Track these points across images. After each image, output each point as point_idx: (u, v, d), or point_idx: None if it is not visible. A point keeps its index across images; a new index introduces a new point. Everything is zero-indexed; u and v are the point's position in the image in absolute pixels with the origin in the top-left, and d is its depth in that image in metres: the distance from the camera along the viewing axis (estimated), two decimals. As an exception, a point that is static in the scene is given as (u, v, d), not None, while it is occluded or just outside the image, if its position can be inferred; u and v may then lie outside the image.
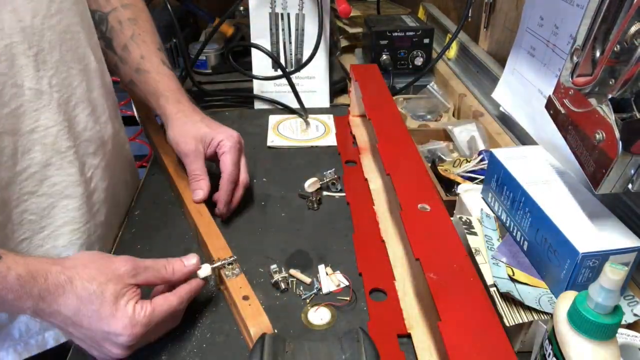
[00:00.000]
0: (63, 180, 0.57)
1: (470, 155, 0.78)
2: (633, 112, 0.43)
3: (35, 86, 0.53)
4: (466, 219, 0.59)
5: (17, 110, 0.52)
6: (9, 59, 0.50)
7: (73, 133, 0.58)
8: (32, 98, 0.53)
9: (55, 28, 0.54)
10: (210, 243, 0.59)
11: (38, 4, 0.52)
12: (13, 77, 0.51)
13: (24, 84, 0.52)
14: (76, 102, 0.58)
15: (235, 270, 0.55)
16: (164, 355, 0.50)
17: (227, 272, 0.55)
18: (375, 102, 0.79)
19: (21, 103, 0.52)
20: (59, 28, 0.55)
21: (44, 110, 0.54)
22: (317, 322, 0.54)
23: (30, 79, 0.52)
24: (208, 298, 0.57)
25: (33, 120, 0.53)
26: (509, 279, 0.51)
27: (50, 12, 0.54)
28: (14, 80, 0.51)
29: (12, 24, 0.50)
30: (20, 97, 0.52)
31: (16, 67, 0.51)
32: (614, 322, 0.35)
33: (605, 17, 0.44)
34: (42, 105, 0.54)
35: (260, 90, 1.00)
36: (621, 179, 0.44)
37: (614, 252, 0.46)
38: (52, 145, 0.55)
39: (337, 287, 0.58)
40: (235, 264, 0.56)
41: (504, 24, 0.91)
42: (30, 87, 0.52)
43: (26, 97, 0.52)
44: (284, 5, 0.95)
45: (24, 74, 0.51)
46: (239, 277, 0.55)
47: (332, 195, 0.75)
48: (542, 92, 0.70)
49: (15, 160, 0.53)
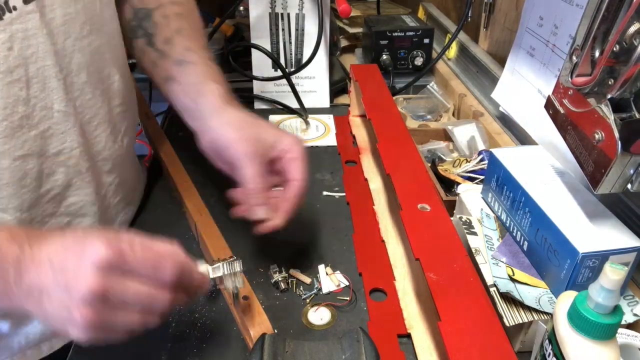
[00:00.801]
0: (80, 200, 0.57)
1: (470, 155, 0.78)
2: (632, 112, 0.43)
3: (64, 108, 0.52)
4: (466, 219, 0.59)
5: (45, 132, 0.51)
6: (40, 82, 0.49)
7: (92, 153, 0.58)
8: (60, 120, 0.52)
9: (85, 50, 0.54)
10: (210, 243, 0.59)
11: (72, 26, 0.52)
12: (44, 99, 0.50)
13: (54, 107, 0.51)
14: (98, 122, 0.58)
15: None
16: (164, 355, 0.51)
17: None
18: (375, 102, 0.79)
19: (49, 125, 0.52)
20: (89, 50, 0.54)
21: (70, 132, 0.53)
22: (317, 322, 0.54)
23: (59, 102, 0.52)
24: (208, 298, 0.57)
25: (60, 142, 0.53)
26: (509, 279, 0.51)
27: (82, 34, 0.53)
28: (44, 103, 0.50)
29: (47, 47, 0.49)
30: (49, 120, 0.51)
31: (47, 90, 0.50)
32: (614, 322, 0.35)
33: (605, 17, 0.44)
34: (69, 127, 0.53)
35: (260, 91, 1.00)
36: (620, 178, 0.44)
37: (614, 252, 0.46)
38: (75, 167, 0.55)
39: (337, 287, 0.58)
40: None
41: (503, 24, 0.91)
42: (59, 109, 0.52)
43: (54, 120, 0.52)
44: (284, 5, 0.96)
45: (54, 96, 0.51)
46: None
47: (332, 195, 0.75)
48: (542, 92, 0.70)
49: (39, 183, 0.52)
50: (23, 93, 0.48)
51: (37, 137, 0.51)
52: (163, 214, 0.71)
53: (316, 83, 1.00)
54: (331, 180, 0.78)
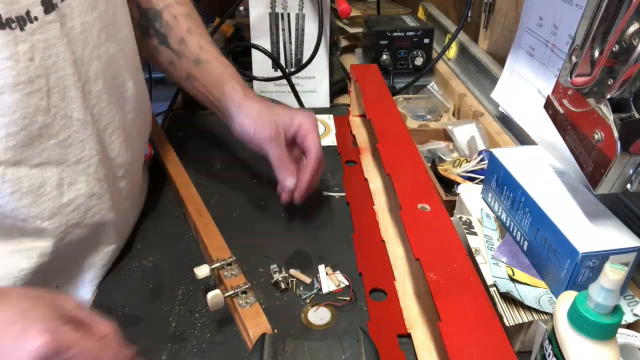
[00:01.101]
0: (102, 210, 0.57)
1: (470, 155, 0.78)
2: (632, 112, 0.43)
3: (83, 117, 0.52)
4: (466, 219, 0.59)
5: (64, 141, 0.51)
6: (61, 91, 0.49)
7: (108, 160, 0.58)
8: (79, 129, 0.52)
9: (101, 57, 0.54)
10: (209, 243, 0.59)
11: (89, 35, 0.52)
12: (64, 108, 0.50)
13: (73, 115, 0.51)
14: (113, 129, 0.58)
15: (234, 271, 0.55)
16: (164, 355, 0.51)
17: (226, 273, 0.55)
18: (375, 102, 0.79)
19: (69, 134, 0.52)
20: (105, 57, 0.55)
21: (88, 140, 0.53)
22: (317, 322, 0.54)
23: (78, 110, 0.52)
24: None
25: (79, 150, 0.53)
26: (509, 279, 0.51)
27: (99, 42, 0.53)
28: (65, 112, 0.50)
29: (67, 56, 0.49)
30: (69, 129, 0.51)
31: (67, 99, 0.50)
32: (614, 322, 0.35)
33: (604, 17, 0.44)
34: (87, 135, 0.53)
35: (260, 91, 1.00)
36: (620, 179, 0.44)
37: (614, 252, 0.46)
38: (94, 175, 0.55)
39: (337, 287, 0.58)
40: (234, 265, 0.56)
41: (503, 24, 0.91)
42: (78, 117, 0.52)
43: (74, 128, 0.52)
44: (284, 5, 0.96)
45: (73, 105, 0.51)
46: (237, 278, 0.55)
47: (332, 195, 0.75)
48: (541, 92, 0.70)
49: (60, 191, 0.52)
50: (44, 103, 0.48)
51: (56, 145, 0.51)
52: (163, 214, 0.71)
53: (316, 83, 1.00)
54: (331, 180, 0.78)
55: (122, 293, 0.58)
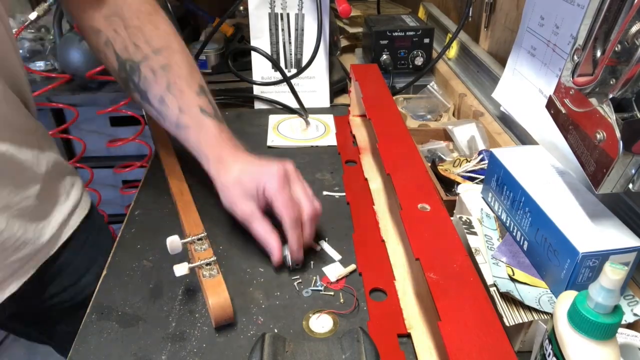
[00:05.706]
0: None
1: (470, 155, 0.78)
2: (634, 111, 0.43)
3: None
4: (466, 219, 0.59)
5: None
6: None
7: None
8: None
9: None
10: (185, 219, 0.63)
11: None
12: None
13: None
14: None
15: (204, 246, 0.58)
16: (164, 355, 0.50)
17: (197, 247, 0.57)
18: (375, 102, 0.78)
19: None
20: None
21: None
22: (318, 330, 0.54)
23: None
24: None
25: None
26: (509, 279, 0.51)
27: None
28: None
29: None
30: None
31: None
32: (614, 321, 0.35)
33: (606, 16, 0.44)
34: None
35: (260, 91, 0.99)
36: (622, 178, 0.44)
37: (614, 252, 0.46)
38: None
39: (338, 278, 0.58)
40: (205, 240, 0.58)
41: (504, 23, 0.91)
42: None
43: None
44: (283, 5, 0.95)
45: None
46: (206, 251, 0.57)
47: (332, 195, 0.75)
48: (543, 92, 0.70)
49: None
50: None
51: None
52: (163, 214, 0.70)
53: (316, 83, 1.00)
54: (331, 180, 0.78)
55: (122, 293, 0.58)
